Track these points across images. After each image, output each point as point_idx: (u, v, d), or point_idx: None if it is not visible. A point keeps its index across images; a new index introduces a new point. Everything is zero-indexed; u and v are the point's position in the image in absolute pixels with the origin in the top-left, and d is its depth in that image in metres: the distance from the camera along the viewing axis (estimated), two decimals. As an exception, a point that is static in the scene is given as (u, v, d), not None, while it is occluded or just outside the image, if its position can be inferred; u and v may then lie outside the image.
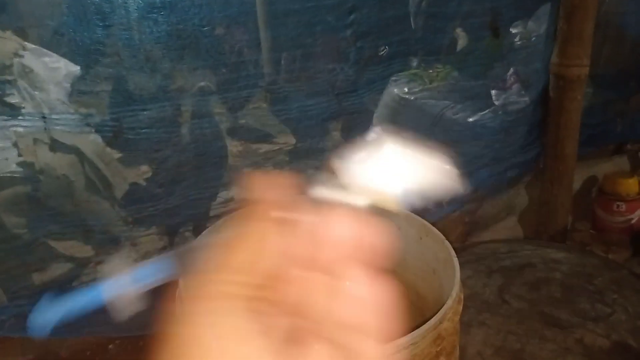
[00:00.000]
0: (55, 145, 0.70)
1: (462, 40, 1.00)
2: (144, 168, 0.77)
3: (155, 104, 0.71)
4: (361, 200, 0.21)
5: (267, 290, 0.21)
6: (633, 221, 1.22)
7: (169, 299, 0.23)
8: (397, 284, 0.60)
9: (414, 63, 0.97)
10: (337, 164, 0.21)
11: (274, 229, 0.20)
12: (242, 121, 0.81)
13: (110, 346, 0.80)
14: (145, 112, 0.70)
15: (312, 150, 0.90)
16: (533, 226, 1.20)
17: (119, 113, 0.70)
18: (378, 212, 0.22)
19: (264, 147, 0.86)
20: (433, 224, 0.66)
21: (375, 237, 0.20)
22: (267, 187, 0.21)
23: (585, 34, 1.01)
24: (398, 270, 0.70)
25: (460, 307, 0.55)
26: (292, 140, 0.87)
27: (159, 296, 0.22)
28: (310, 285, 0.20)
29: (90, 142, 0.71)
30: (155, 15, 0.67)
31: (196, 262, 0.22)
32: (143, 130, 0.70)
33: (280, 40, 0.79)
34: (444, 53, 0.99)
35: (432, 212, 1.02)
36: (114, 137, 0.71)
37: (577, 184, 1.23)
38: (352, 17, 0.82)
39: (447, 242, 0.60)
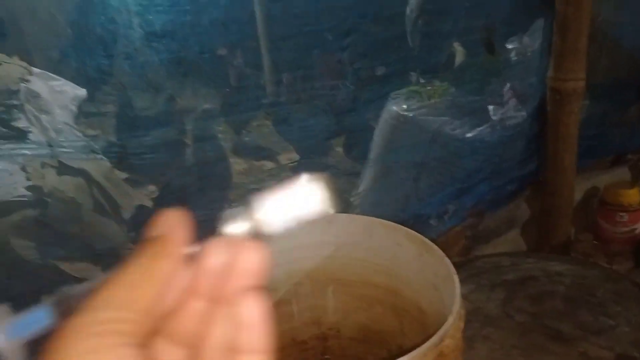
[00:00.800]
0: (62, 169, 0.72)
1: (459, 57, 1.02)
2: (152, 188, 0.79)
3: (159, 130, 0.73)
4: (251, 229, 0.24)
5: (164, 325, 0.22)
6: (636, 231, 1.22)
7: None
8: (401, 300, 0.61)
9: (412, 80, 0.99)
10: (253, 204, 0.24)
11: (174, 265, 0.22)
12: (247, 139, 0.83)
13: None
14: (148, 138, 0.72)
15: (315, 166, 0.92)
16: (535, 239, 1.21)
17: (123, 139, 0.71)
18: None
19: (269, 165, 0.87)
20: (435, 239, 0.67)
21: (259, 262, 0.22)
22: (172, 224, 0.23)
23: (579, 47, 1.03)
24: (400, 287, 0.71)
25: (462, 324, 0.56)
26: (295, 157, 0.88)
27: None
28: (206, 316, 0.22)
29: (98, 164, 0.73)
30: (156, 44, 0.69)
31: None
32: (147, 156, 0.71)
33: (280, 63, 0.80)
34: (441, 70, 1.01)
35: (433, 227, 1.03)
36: (118, 161, 0.72)
37: (578, 196, 1.24)
38: (348, 39, 0.84)
39: (446, 259, 0.61)
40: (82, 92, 0.69)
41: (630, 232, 1.21)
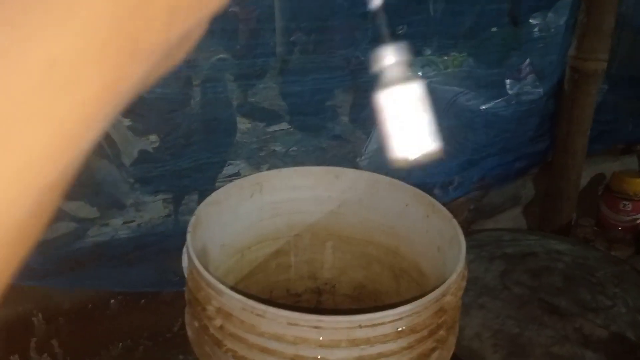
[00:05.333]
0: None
1: (480, 27, 1.00)
2: (153, 137, 0.77)
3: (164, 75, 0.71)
4: None
5: None
6: (638, 221, 1.22)
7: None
8: (401, 261, 0.60)
9: (431, 47, 0.96)
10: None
11: None
12: (252, 99, 0.81)
13: (112, 301, 0.81)
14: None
15: (319, 128, 0.90)
16: (537, 218, 1.20)
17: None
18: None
19: (272, 127, 0.86)
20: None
21: None
22: None
23: (604, 27, 1.00)
24: (402, 247, 0.70)
25: (464, 284, 0.55)
26: (302, 119, 0.87)
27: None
28: None
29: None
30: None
31: None
32: (158, 90, 0.69)
33: (296, 13, 0.78)
34: (461, 39, 0.98)
35: (437, 196, 1.02)
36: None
37: (584, 181, 1.23)
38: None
39: (454, 220, 0.60)
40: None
41: (632, 221, 1.21)
